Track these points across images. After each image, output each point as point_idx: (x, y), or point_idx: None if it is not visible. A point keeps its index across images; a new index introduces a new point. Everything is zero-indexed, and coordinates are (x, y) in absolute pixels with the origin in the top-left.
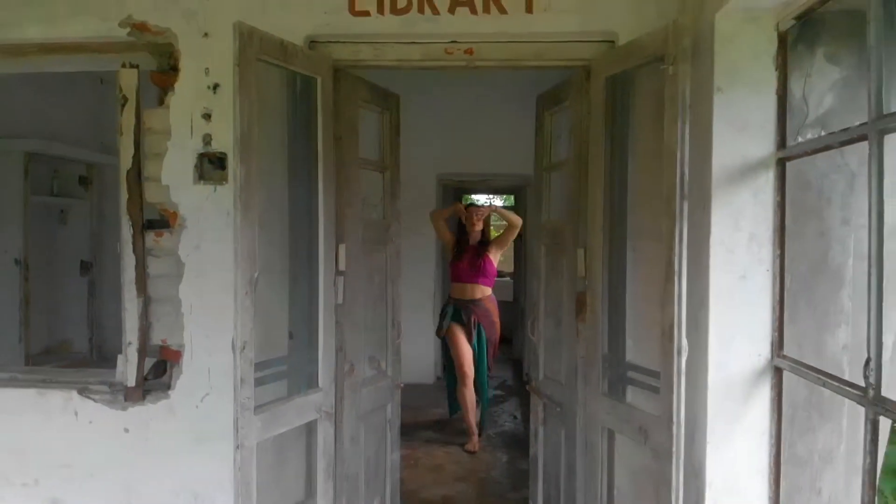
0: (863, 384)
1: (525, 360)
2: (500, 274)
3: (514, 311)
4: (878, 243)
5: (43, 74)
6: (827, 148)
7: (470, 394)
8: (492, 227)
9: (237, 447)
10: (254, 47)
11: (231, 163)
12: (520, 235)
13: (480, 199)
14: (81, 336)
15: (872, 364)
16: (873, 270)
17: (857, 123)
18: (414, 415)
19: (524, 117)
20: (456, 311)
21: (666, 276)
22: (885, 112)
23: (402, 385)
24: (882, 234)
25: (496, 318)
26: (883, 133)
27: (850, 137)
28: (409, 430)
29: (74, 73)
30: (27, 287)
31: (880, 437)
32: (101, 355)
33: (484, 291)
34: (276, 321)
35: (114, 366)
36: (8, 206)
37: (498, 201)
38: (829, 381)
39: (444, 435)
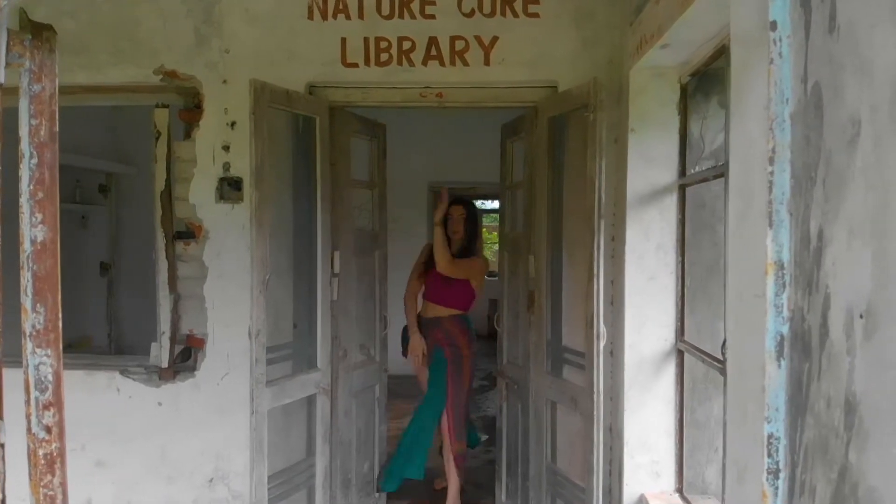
0: (722, 359)
1: None
2: (490, 273)
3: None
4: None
5: None
6: (705, 179)
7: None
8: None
9: (253, 412)
10: (265, 98)
11: (246, 186)
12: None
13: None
14: (101, 331)
15: (727, 343)
16: (726, 273)
17: (720, 163)
18: (402, 401)
19: (489, 132)
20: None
21: (588, 277)
22: None
23: (388, 370)
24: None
25: (466, 348)
26: None
27: (716, 173)
28: (399, 415)
29: None
30: None
31: None
32: (119, 349)
33: (451, 312)
34: (284, 313)
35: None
36: None
37: (495, 204)
38: (706, 358)
39: None
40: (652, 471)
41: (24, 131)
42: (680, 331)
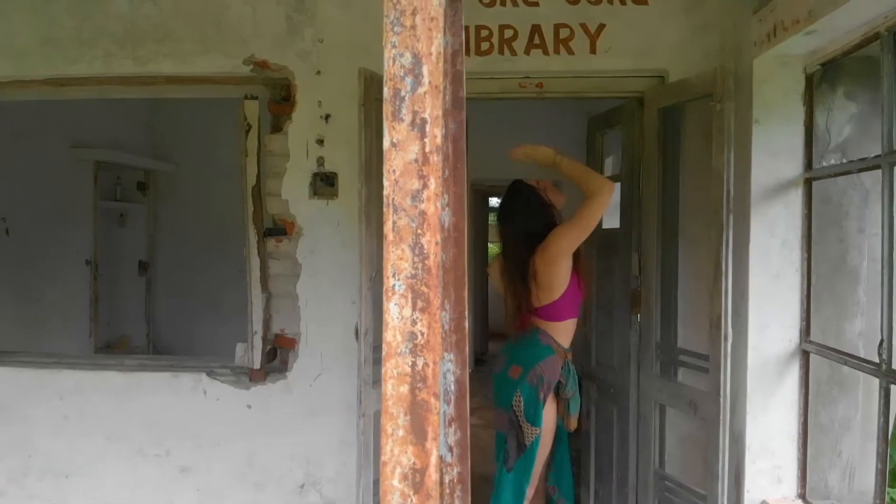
0: (877, 361)
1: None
2: None
3: None
4: (889, 249)
5: None
6: (847, 172)
7: None
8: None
9: (361, 415)
10: (374, 89)
11: (343, 181)
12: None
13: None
14: (139, 331)
15: (885, 344)
16: (885, 270)
17: (873, 155)
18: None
19: (547, 127)
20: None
21: (714, 275)
22: (895, 148)
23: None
24: (893, 241)
25: None
26: (893, 165)
27: (866, 165)
28: None
29: None
30: (96, 286)
31: (892, 403)
32: (157, 349)
33: None
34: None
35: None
36: (81, 210)
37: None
38: (850, 359)
39: (485, 419)
40: (774, 476)
41: None
42: (805, 331)
